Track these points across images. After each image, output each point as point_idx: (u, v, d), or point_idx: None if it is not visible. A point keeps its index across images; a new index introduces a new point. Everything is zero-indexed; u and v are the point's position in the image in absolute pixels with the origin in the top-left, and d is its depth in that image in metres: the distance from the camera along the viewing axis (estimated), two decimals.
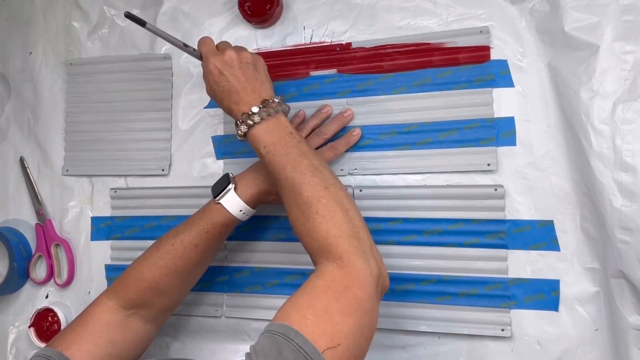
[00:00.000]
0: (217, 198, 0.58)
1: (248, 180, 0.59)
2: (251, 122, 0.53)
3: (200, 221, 0.58)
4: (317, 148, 0.64)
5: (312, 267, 0.65)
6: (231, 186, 0.58)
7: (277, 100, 0.55)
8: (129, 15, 0.52)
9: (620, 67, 0.54)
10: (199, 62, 0.72)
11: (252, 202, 0.59)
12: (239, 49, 0.57)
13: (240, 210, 0.58)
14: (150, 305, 0.58)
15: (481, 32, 0.62)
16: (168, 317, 0.63)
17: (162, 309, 0.60)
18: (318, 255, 0.48)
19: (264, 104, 0.54)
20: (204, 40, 0.59)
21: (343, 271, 0.45)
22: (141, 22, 0.53)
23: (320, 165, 0.52)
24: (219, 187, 0.59)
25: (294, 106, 0.68)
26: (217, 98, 0.57)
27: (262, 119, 0.53)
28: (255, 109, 0.53)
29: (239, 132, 0.54)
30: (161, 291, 0.58)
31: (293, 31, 0.69)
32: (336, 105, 0.66)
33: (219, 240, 0.60)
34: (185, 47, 0.58)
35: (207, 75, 0.57)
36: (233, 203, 0.58)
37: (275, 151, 0.52)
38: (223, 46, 0.58)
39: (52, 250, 0.75)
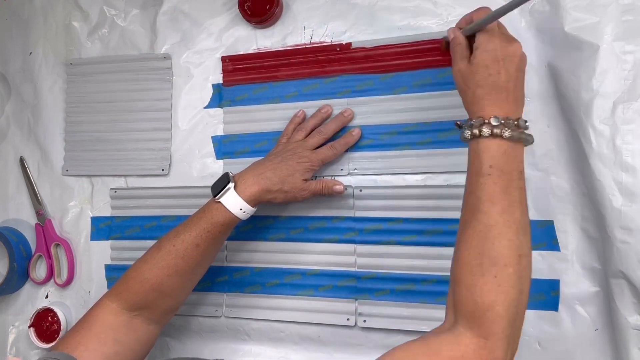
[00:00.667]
0: (217, 197, 0.58)
1: (248, 178, 0.59)
2: (498, 132, 0.45)
3: (201, 221, 0.58)
4: (316, 148, 0.64)
5: (311, 267, 0.66)
6: (231, 185, 0.58)
7: (527, 126, 0.47)
8: None
9: (620, 67, 0.54)
10: (199, 62, 0.72)
11: (252, 201, 0.59)
12: (522, 51, 0.49)
13: (241, 209, 0.58)
14: (154, 306, 0.58)
15: None
16: (171, 317, 0.63)
17: (166, 309, 0.60)
18: (464, 316, 0.43)
19: (520, 122, 0.46)
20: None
21: (480, 353, 0.40)
22: None
23: (527, 226, 0.45)
24: (219, 186, 0.59)
25: (294, 106, 0.68)
26: (470, 79, 0.48)
27: (511, 137, 0.45)
28: (510, 122, 0.46)
29: (475, 132, 0.46)
30: (164, 292, 0.58)
31: (293, 31, 0.69)
32: (336, 105, 0.66)
33: (219, 239, 0.60)
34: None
35: (483, 51, 0.48)
36: (233, 202, 0.58)
37: (498, 179, 0.45)
38: (509, 34, 0.50)
39: (52, 250, 0.75)
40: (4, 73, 0.81)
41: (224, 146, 0.71)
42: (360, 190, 0.65)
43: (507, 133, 0.45)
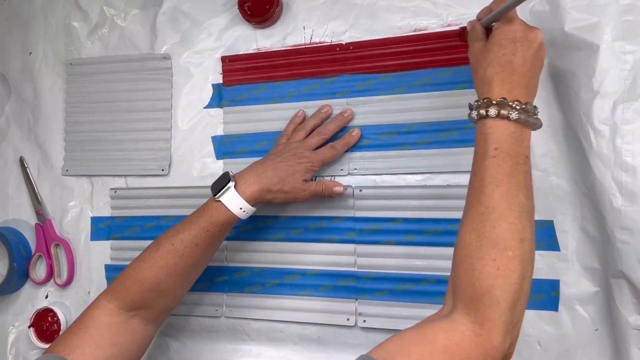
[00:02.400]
0: (217, 196, 0.58)
1: (248, 177, 0.59)
2: (505, 113, 0.44)
3: (200, 220, 0.58)
4: (316, 148, 0.64)
5: (311, 267, 0.66)
6: (231, 184, 0.58)
7: (538, 112, 0.46)
8: None
9: (620, 67, 0.54)
10: (199, 62, 0.72)
11: (252, 200, 0.58)
12: (543, 40, 0.48)
13: (241, 208, 0.58)
14: (151, 306, 0.58)
15: None
16: (167, 316, 0.63)
17: (163, 309, 0.60)
18: (462, 300, 0.41)
19: (528, 106, 0.45)
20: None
21: (476, 340, 0.39)
22: None
23: (531, 210, 0.44)
24: (219, 185, 0.58)
25: (294, 106, 0.68)
26: (483, 58, 0.48)
27: (518, 120, 0.44)
28: (517, 105, 0.44)
29: (482, 112, 0.45)
30: (162, 292, 0.58)
31: (293, 31, 0.69)
32: (336, 105, 0.66)
33: (219, 238, 0.60)
34: None
35: (500, 32, 0.47)
36: (233, 201, 0.58)
37: (502, 162, 0.44)
38: (531, 25, 0.49)
39: (52, 250, 0.75)
40: (4, 73, 0.81)
41: (224, 146, 0.71)
42: (360, 190, 0.65)
43: (514, 115, 0.44)
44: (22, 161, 0.79)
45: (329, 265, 0.66)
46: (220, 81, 0.71)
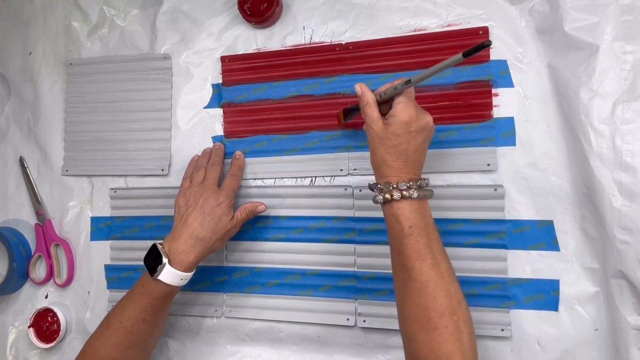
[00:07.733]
0: (154, 276, 0.57)
1: (182, 248, 0.58)
2: (407, 195, 0.49)
3: (143, 297, 0.58)
4: (218, 180, 0.65)
5: (311, 267, 0.66)
6: (165, 260, 0.57)
7: (427, 183, 0.52)
8: (468, 53, 0.45)
9: (620, 67, 0.54)
10: (199, 62, 0.73)
11: (191, 269, 0.59)
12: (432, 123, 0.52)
13: (181, 279, 0.58)
14: None
15: (481, 32, 0.62)
16: None
17: None
18: None
19: (421, 182, 0.50)
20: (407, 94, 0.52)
21: None
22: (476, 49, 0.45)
23: (453, 271, 0.49)
24: (152, 262, 0.58)
25: (294, 106, 0.68)
26: (381, 145, 0.51)
27: (418, 196, 0.49)
28: (412, 184, 0.50)
29: (387, 196, 0.50)
30: None
31: (293, 31, 0.69)
32: (336, 105, 0.66)
33: (166, 308, 0.60)
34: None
35: (396, 121, 0.50)
36: (172, 276, 0.57)
37: (419, 237, 0.48)
38: (422, 111, 0.52)
39: (52, 250, 0.75)
40: (4, 73, 0.81)
41: (225, 147, 0.71)
42: (360, 191, 0.65)
43: (415, 194, 0.49)
44: (22, 161, 0.79)
45: (329, 265, 0.66)
46: (220, 81, 0.71)
